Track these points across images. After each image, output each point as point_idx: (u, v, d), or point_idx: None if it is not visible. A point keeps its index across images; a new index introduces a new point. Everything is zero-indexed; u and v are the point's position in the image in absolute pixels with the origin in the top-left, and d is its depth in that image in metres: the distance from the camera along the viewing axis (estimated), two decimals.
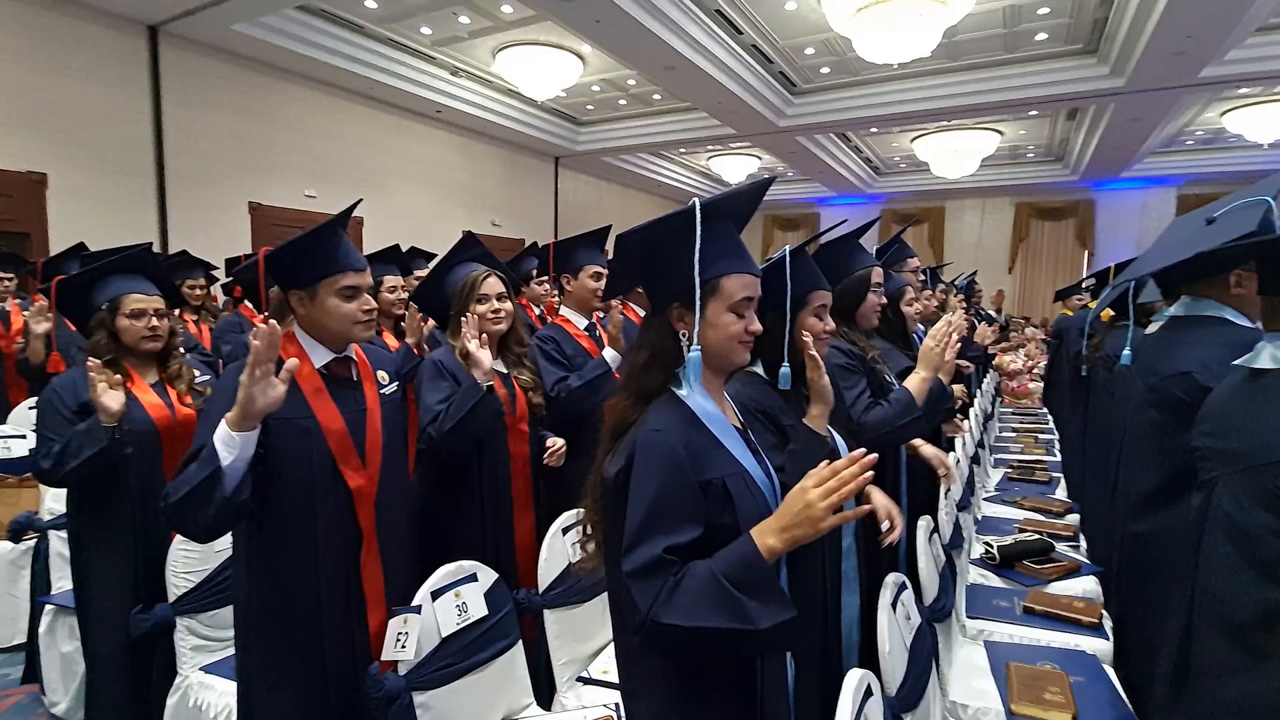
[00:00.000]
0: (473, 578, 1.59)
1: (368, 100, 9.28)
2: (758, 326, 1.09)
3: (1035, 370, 7.42)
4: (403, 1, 7.45)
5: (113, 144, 6.98)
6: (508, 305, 2.02)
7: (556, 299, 2.87)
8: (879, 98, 9.80)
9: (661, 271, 1.07)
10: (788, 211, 16.93)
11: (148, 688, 1.94)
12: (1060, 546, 2.74)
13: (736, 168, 13.67)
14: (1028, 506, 3.24)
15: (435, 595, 1.50)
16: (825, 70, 9.41)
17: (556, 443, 2.08)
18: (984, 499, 3.30)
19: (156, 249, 6.13)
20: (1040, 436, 4.96)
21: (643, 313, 2.68)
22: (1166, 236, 2.04)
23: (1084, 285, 6.05)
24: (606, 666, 1.79)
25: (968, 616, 2.15)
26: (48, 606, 2.27)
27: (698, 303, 1.02)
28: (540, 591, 1.78)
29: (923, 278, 3.00)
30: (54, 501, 2.40)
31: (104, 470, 1.86)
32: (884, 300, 2.05)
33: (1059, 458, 4.37)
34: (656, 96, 10.37)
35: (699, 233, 1.00)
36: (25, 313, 3.89)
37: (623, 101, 10.75)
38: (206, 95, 7.65)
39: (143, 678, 1.95)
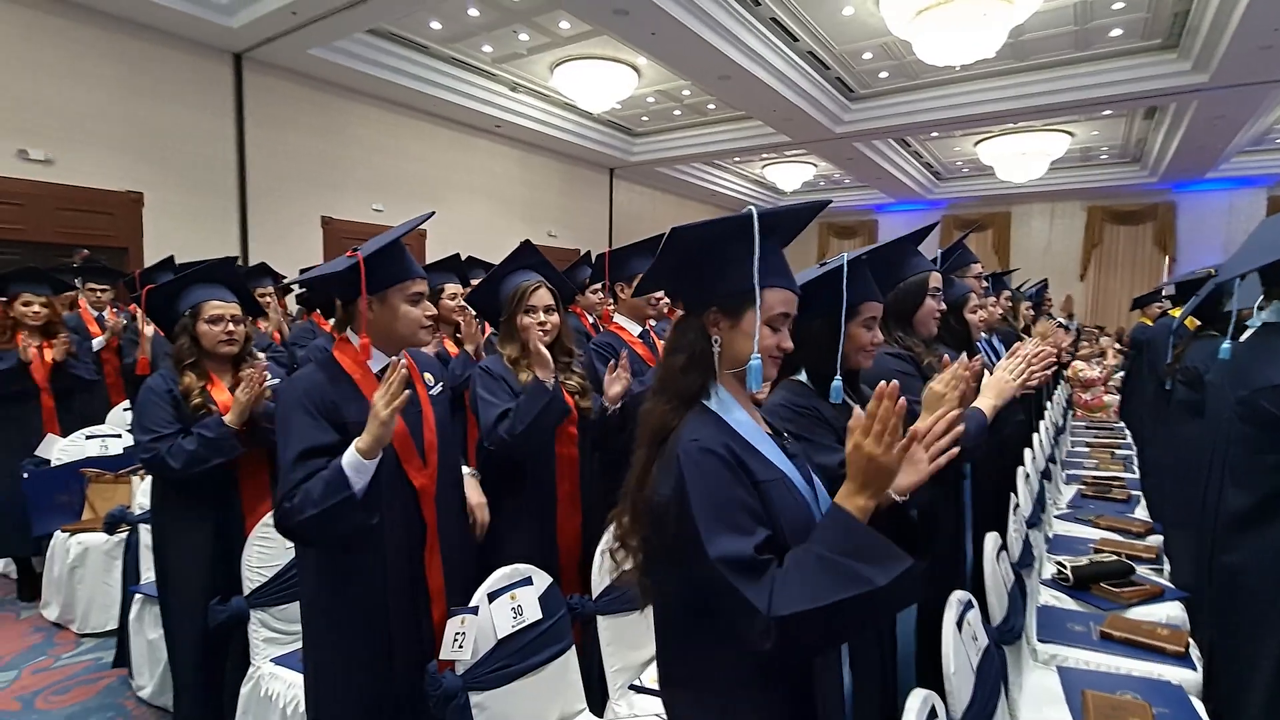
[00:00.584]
0: (528, 581, 1.62)
1: (431, 117, 9.65)
2: (789, 344, 1.09)
3: (1110, 382, 7.02)
4: (465, 21, 7.72)
5: (201, 164, 7.51)
6: (555, 318, 2.06)
7: (611, 307, 2.90)
8: (940, 101, 9.53)
9: (708, 273, 1.05)
10: (844, 219, 16.61)
11: (224, 675, 2.06)
12: (1141, 569, 2.58)
13: (791, 175, 13.52)
14: (1104, 526, 3.06)
15: (492, 597, 1.53)
16: (883, 75, 9.22)
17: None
18: (1055, 516, 3.13)
19: (238, 261, 6.50)
20: (1117, 452, 4.68)
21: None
22: (1259, 237, 1.91)
23: (1164, 292, 5.71)
24: None
25: (1039, 640, 2.04)
26: (136, 595, 2.44)
27: (758, 309, 1.01)
28: (593, 597, 1.79)
29: (986, 284, 2.89)
30: (144, 496, 2.57)
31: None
32: (943, 306, 1.98)
33: (1138, 475, 4.12)
34: (711, 106, 10.38)
35: (758, 240, 1.00)
36: (110, 320, 4.20)
37: (677, 112, 10.80)
38: (284, 116, 8.14)
39: (219, 666, 2.07)
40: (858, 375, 1.53)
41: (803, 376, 1.45)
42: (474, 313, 2.70)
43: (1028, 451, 2.90)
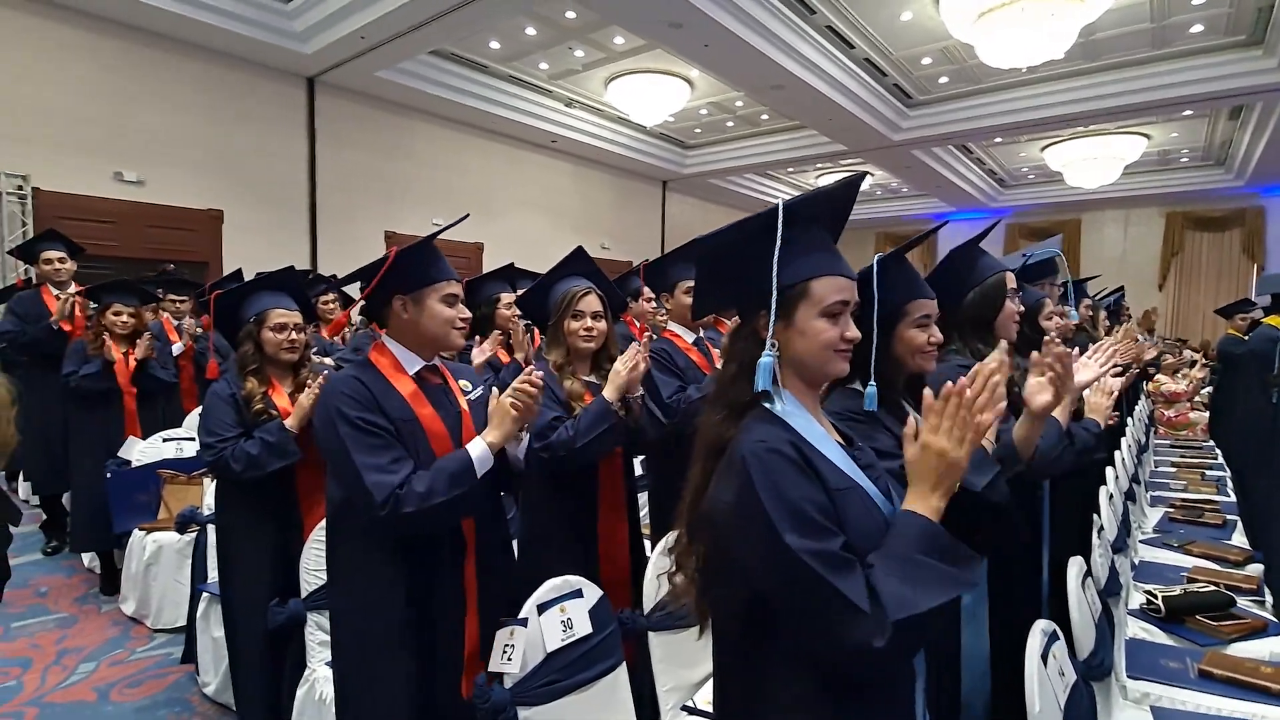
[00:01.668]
0: (578, 593, 1.58)
1: (489, 133, 9.91)
2: (855, 333, 1.00)
3: (1196, 398, 6.54)
4: (523, 40, 7.91)
5: (275, 182, 7.93)
6: (602, 324, 2.04)
7: (663, 316, 2.87)
8: (1004, 105, 9.19)
9: (744, 278, 1.00)
10: (902, 229, 16.16)
11: (283, 676, 2.10)
12: (1241, 601, 2.35)
13: None
14: (1197, 553, 2.81)
15: (541, 609, 1.50)
16: (943, 80, 8.97)
17: None
18: (1141, 541, 2.90)
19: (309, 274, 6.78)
20: (1208, 473, 4.34)
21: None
22: None
23: (1255, 300, 5.30)
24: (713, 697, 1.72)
25: (1128, 676, 1.87)
26: (203, 593, 2.53)
27: (773, 307, 0.96)
28: (645, 613, 1.74)
29: (1061, 290, 2.72)
30: (213, 498, 2.67)
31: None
32: (1021, 309, 1.86)
33: (1233, 498, 3.79)
34: (764, 117, 10.30)
35: (780, 233, 0.94)
36: (188, 327, 4.42)
37: (730, 123, 10.76)
38: (351, 136, 8.53)
39: (279, 666, 2.11)
40: (921, 381, 1.44)
41: (858, 384, 1.38)
42: (525, 321, 2.70)
43: (1109, 470, 2.70)
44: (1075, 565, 1.63)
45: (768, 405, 0.99)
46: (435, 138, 9.39)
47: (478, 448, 1.43)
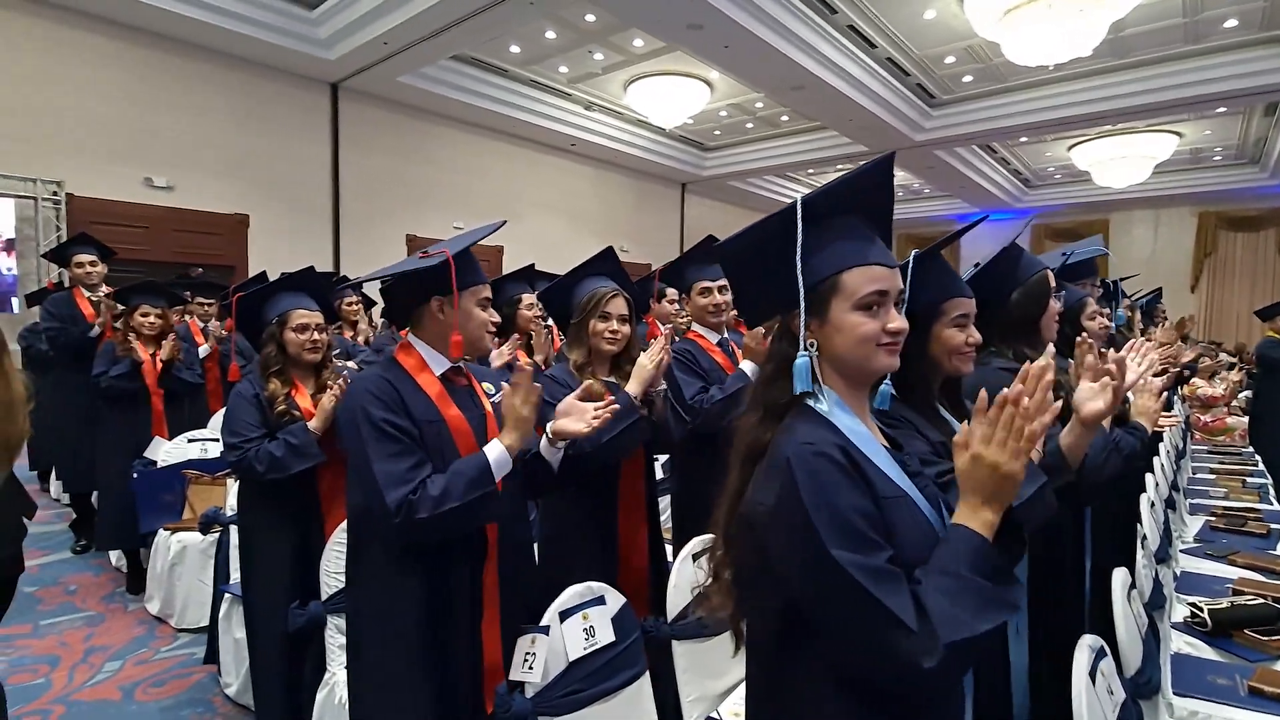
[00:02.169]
0: (600, 600, 1.54)
1: (509, 137, 9.96)
2: (900, 323, 0.94)
3: (1234, 403, 6.33)
4: (543, 44, 7.93)
5: (299, 187, 8.05)
6: (626, 329, 2.01)
7: (685, 318, 2.83)
8: (1030, 104, 9.03)
9: (772, 279, 0.95)
10: (925, 230, 15.94)
11: (303, 679, 2.09)
12: None
13: None
14: (1242, 563, 2.70)
15: (563, 616, 1.47)
16: (967, 79, 8.84)
17: None
18: (1181, 550, 2.79)
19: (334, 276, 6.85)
20: (1249, 480, 4.18)
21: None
22: None
23: None
24: (738, 709, 1.67)
25: (1175, 694, 1.79)
26: (225, 594, 2.54)
27: (808, 304, 0.92)
28: (669, 620, 1.70)
29: (1101, 290, 2.63)
30: (235, 498, 2.68)
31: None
32: (1061, 308, 1.78)
33: (1277, 506, 3.65)
34: (784, 118, 10.23)
35: (800, 229, 0.90)
36: (214, 329, 4.48)
37: (749, 125, 10.71)
38: (374, 141, 8.63)
39: (299, 669, 2.10)
40: (958, 385, 1.38)
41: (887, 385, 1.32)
42: (544, 323, 2.67)
43: (1149, 477, 2.60)
44: (1119, 577, 1.55)
45: (810, 403, 0.94)
46: (456, 142, 9.46)
47: (495, 450, 1.39)
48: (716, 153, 12.07)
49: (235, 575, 2.50)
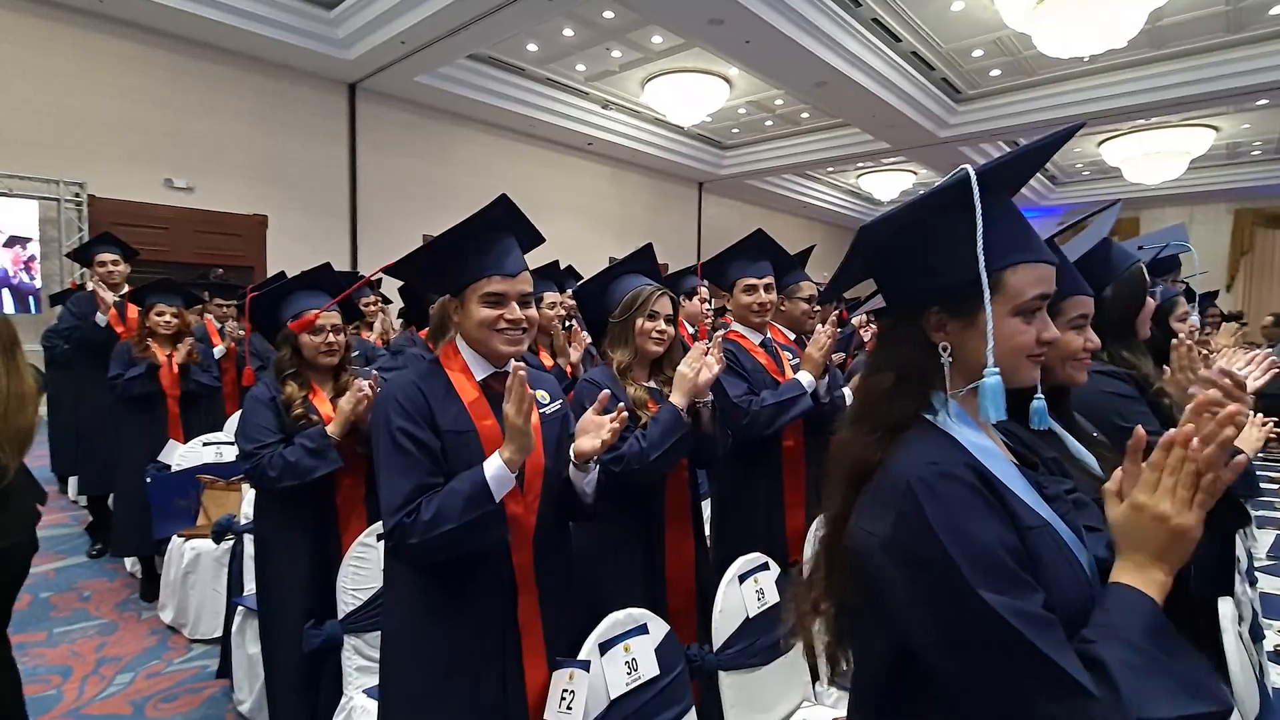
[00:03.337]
0: (643, 629, 1.40)
1: (526, 137, 9.89)
2: (1054, 333, 0.81)
3: None
4: (560, 42, 7.84)
5: (318, 188, 8.02)
6: (672, 329, 1.89)
7: (709, 317, 2.68)
8: (1059, 98, 8.78)
9: (918, 266, 0.82)
10: None
11: (318, 700, 1.98)
12: None
13: (888, 185, 12.92)
14: None
15: (603, 648, 1.33)
16: (995, 73, 8.61)
17: None
18: (1259, 569, 2.61)
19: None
20: None
21: (790, 334, 2.43)
22: None
23: None
24: None
25: None
26: (239, 607, 2.44)
27: (989, 307, 0.75)
28: (714, 649, 1.56)
29: (1184, 288, 2.45)
30: (250, 506, 2.58)
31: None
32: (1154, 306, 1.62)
33: None
34: (805, 115, 10.05)
35: (979, 212, 0.75)
36: (231, 330, 4.41)
37: (769, 122, 10.54)
38: (391, 141, 8.59)
39: (315, 690, 1.99)
40: (1067, 395, 1.23)
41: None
42: (569, 324, 2.54)
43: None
44: (1227, 608, 1.36)
45: (928, 417, 0.80)
46: (473, 142, 9.41)
47: (492, 465, 1.23)
48: (735, 151, 11.91)
49: (249, 587, 2.40)
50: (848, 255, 0.84)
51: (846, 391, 2.30)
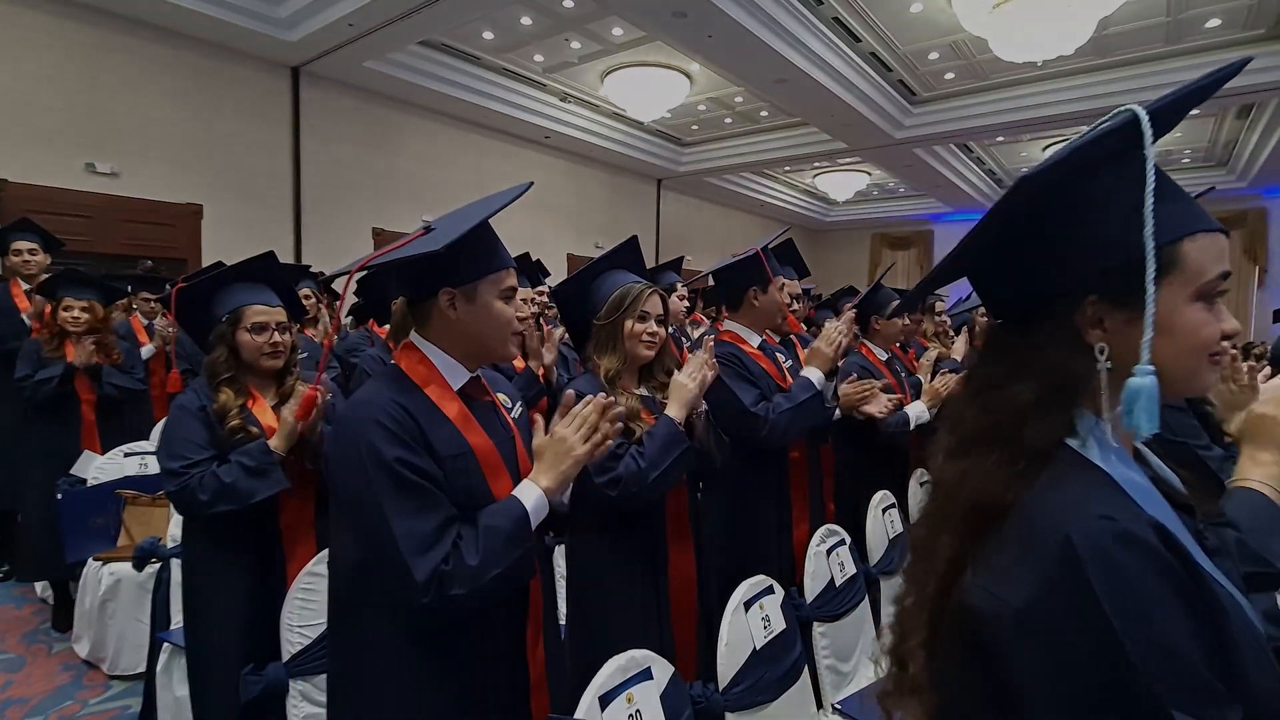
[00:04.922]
0: (646, 675, 1.24)
1: (481, 129, 9.56)
2: (1234, 324, 0.64)
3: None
4: (518, 31, 7.58)
5: (257, 176, 7.53)
6: (663, 331, 1.74)
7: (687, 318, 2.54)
8: (1009, 103, 9.02)
9: (1074, 240, 0.63)
10: (898, 229, 16.02)
11: None
12: None
13: (844, 184, 13.12)
14: None
15: (604, 701, 1.17)
16: (949, 76, 8.77)
17: None
18: None
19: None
20: None
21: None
22: None
23: None
24: None
25: None
26: (165, 644, 2.16)
27: (1151, 287, 0.58)
28: (719, 688, 1.41)
29: None
30: (178, 527, 2.30)
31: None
32: None
33: None
34: (764, 113, 10.05)
35: (1151, 164, 0.59)
36: (159, 327, 4.04)
37: (728, 120, 10.50)
38: (338, 129, 8.14)
39: None
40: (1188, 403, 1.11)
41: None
42: (541, 323, 2.36)
43: None
44: None
45: (1072, 443, 0.62)
46: (425, 132, 9.03)
47: (531, 495, 1.08)
48: (694, 148, 11.85)
49: (176, 620, 2.13)
50: (981, 228, 0.65)
51: (913, 411, 2.17)
